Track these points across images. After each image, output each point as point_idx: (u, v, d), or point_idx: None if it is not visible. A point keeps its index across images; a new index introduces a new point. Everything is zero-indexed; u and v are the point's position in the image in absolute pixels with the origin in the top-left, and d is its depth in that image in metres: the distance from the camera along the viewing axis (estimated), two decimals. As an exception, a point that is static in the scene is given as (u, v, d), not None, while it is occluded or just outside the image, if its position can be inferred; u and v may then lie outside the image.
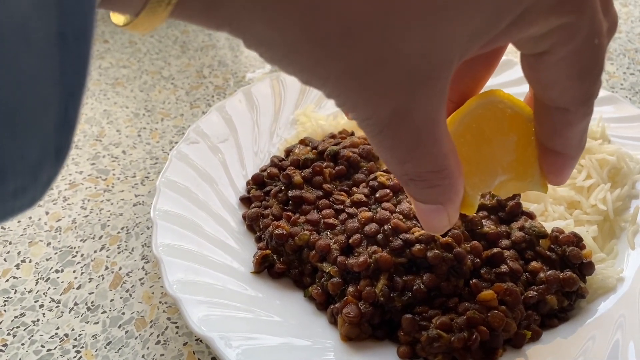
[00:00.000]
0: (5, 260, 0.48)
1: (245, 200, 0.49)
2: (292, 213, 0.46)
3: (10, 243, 0.50)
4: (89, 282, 0.46)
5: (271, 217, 0.46)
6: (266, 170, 0.50)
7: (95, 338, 0.42)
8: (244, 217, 0.48)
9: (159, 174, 0.57)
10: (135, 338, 0.42)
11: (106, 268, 0.47)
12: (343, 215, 0.44)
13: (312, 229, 0.44)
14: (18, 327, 0.43)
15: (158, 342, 0.42)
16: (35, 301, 0.45)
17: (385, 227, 0.41)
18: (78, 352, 0.41)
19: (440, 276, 0.39)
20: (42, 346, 0.42)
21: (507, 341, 0.38)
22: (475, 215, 0.43)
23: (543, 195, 0.47)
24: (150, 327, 0.43)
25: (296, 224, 0.44)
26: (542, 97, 0.26)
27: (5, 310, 0.44)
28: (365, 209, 0.44)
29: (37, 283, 0.46)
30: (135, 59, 0.75)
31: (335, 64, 0.21)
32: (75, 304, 0.45)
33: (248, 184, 0.51)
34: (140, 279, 0.46)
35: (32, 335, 0.42)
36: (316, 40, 0.21)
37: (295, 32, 0.20)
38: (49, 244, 0.50)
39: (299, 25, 0.20)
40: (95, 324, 0.43)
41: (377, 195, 0.45)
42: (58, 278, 0.47)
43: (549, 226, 0.44)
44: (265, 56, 0.22)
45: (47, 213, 0.53)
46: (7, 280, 0.46)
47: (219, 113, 0.56)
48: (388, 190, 0.44)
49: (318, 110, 0.58)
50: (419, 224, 0.41)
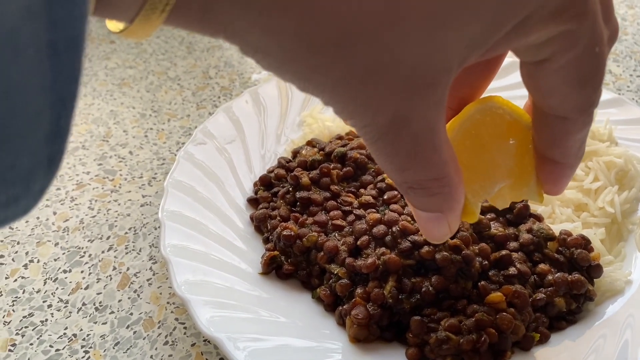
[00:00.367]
0: (13, 260, 0.48)
1: (253, 202, 0.49)
2: (300, 214, 0.46)
3: (18, 243, 0.50)
4: (97, 283, 0.46)
5: (279, 219, 0.46)
6: (273, 171, 0.50)
7: (104, 338, 0.42)
8: (252, 218, 0.48)
9: (166, 174, 0.57)
10: (144, 338, 0.42)
11: (114, 268, 0.48)
12: (351, 217, 0.44)
13: (320, 231, 0.44)
14: (27, 327, 0.43)
15: (166, 343, 0.42)
16: (44, 301, 0.45)
17: (394, 229, 0.41)
18: (86, 352, 0.41)
19: (449, 278, 0.39)
20: (51, 346, 0.42)
21: (516, 343, 0.38)
22: (483, 217, 0.43)
23: (551, 198, 0.47)
24: (159, 328, 0.43)
25: (304, 226, 0.44)
26: (542, 105, 0.26)
27: (13, 310, 0.44)
28: (373, 210, 0.44)
29: (46, 283, 0.46)
30: (141, 60, 0.75)
31: (332, 72, 0.21)
32: (84, 304, 0.45)
33: (255, 185, 0.51)
34: (148, 280, 0.46)
35: (41, 335, 0.42)
36: (312, 47, 0.20)
37: (292, 40, 0.20)
38: (56, 244, 0.50)
39: (295, 32, 0.20)
40: (103, 324, 0.43)
41: (385, 197, 0.45)
42: (66, 278, 0.47)
43: (556, 228, 0.44)
44: (262, 63, 0.22)
45: (55, 213, 0.53)
46: (16, 280, 0.47)
47: (225, 114, 0.56)
48: (396, 192, 0.44)
49: (325, 112, 0.58)
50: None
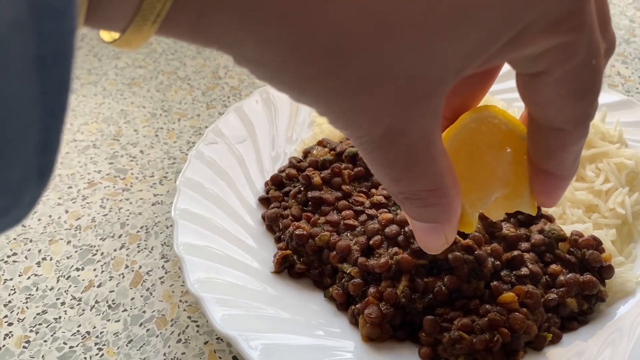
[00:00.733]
0: (26, 257, 0.49)
1: (264, 201, 0.49)
2: (312, 214, 0.46)
3: (30, 241, 0.50)
4: (110, 281, 0.47)
5: (291, 218, 0.46)
6: (285, 171, 0.51)
7: (117, 336, 0.42)
8: (263, 218, 0.48)
9: (176, 173, 0.57)
10: (157, 336, 0.42)
11: (126, 267, 0.48)
12: (363, 217, 0.44)
13: (332, 230, 0.44)
14: (40, 324, 0.43)
15: (179, 341, 0.42)
16: (57, 299, 0.45)
17: (406, 229, 0.41)
18: (100, 350, 0.42)
19: (461, 278, 0.39)
20: (65, 343, 0.42)
21: (528, 343, 0.38)
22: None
23: (562, 199, 0.47)
24: (171, 326, 0.43)
25: (316, 225, 0.44)
26: (538, 117, 0.26)
27: (27, 308, 0.45)
28: (385, 210, 0.44)
29: (58, 281, 0.47)
30: (151, 59, 0.76)
31: (326, 83, 0.21)
32: (97, 302, 0.45)
33: (266, 184, 0.51)
34: (160, 278, 0.47)
35: (55, 333, 0.43)
36: (307, 58, 0.20)
37: (284, 51, 0.20)
38: (69, 242, 0.50)
39: (288, 43, 0.20)
40: (116, 322, 0.44)
41: (397, 197, 0.45)
42: (79, 276, 0.47)
43: (567, 229, 0.44)
44: (256, 73, 0.22)
45: (67, 211, 0.53)
46: (29, 278, 0.47)
47: (236, 114, 0.57)
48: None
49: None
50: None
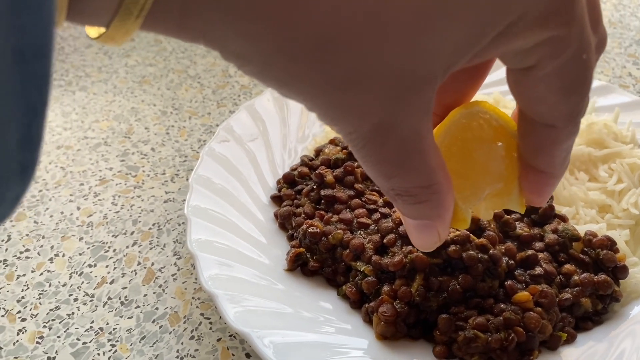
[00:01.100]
0: (39, 254, 0.49)
1: (277, 199, 0.49)
2: (325, 212, 0.46)
3: (43, 237, 0.50)
4: (122, 277, 0.47)
5: (303, 216, 0.46)
6: (297, 169, 0.51)
7: (130, 332, 0.43)
8: (276, 215, 0.48)
9: (188, 171, 0.57)
10: (170, 333, 0.42)
11: (138, 263, 0.48)
12: (376, 215, 0.44)
13: (345, 228, 0.44)
14: (53, 320, 0.43)
15: (192, 338, 0.42)
16: (70, 295, 0.45)
17: (420, 227, 0.41)
18: (113, 346, 0.42)
19: (476, 277, 0.39)
20: (78, 339, 0.42)
21: (542, 343, 0.38)
22: (509, 217, 0.43)
23: (575, 199, 0.47)
24: (184, 323, 0.43)
25: (329, 223, 0.44)
26: (529, 113, 0.25)
27: (40, 303, 0.45)
28: (399, 209, 0.44)
29: (71, 277, 0.47)
30: (161, 58, 0.76)
31: (312, 78, 0.20)
32: (109, 298, 0.45)
33: (279, 182, 0.51)
34: (172, 275, 0.47)
35: (68, 329, 0.43)
36: (292, 53, 0.20)
37: (270, 45, 0.20)
38: (81, 239, 0.50)
39: (273, 38, 0.19)
40: (129, 318, 0.44)
41: (410, 196, 0.45)
42: (91, 272, 0.47)
43: (580, 229, 0.44)
44: (243, 69, 0.21)
45: (79, 208, 0.53)
46: (42, 274, 0.47)
47: (248, 112, 0.57)
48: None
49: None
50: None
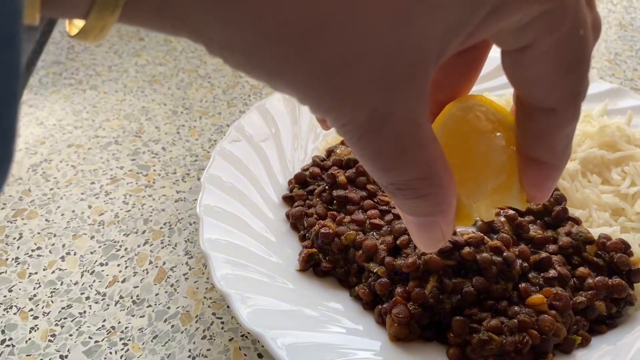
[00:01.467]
0: (50, 252, 0.49)
1: (288, 199, 0.49)
2: (337, 213, 0.46)
3: (54, 235, 0.50)
4: (134, 276, 0.47)
5: (315, 217, 0.46)
6: (308, 169, 0.51)
7: (142, 331, 0.43)
8: (288, 216, 0.48)
9: (199, 171, 0.57)
10: (181, 332, 0.42)
11: (150, 262, 0.48)
12: (388, 216, 0.44)
13: (358, 229, 0.44)
14: (65, 319, 0.43)
15: (204, 337, 0.42)
16: (82, 293, 0.45)
17: (434, 229, 0.41)
18: (125, 345, 0.42)
19: (490, 279, 0.39)
20: (90, 337, 0.42)
21: (556, 346, 0.38)
22: (522, 219, 0.43)
23: (588, 202, 0.47)
24: (196, 322, 0.43)
25: (341, 224, 0.44)
26: (527, 98, 0.24)
27: (52, 302, 0.45)
28: (412, 210, 0.44)
29: (83, 275, 0.47)
30: (171, 57, 0.76)
31: (300, 65, 0.20)
32: (121, 297, 0.45)
33: (290, 182, 0.51)
34: (184, 274, 0.47)
35: (80, 327, 0.43)
36: (275, 41, 0.19)
37: (254, 32, 0.19)
38: (92, 238, 0.50)
39: (255, 26, 0.19)
40: (141, 317, 0.44)
41: (423, 197, 0.45)
42: (103, 271, 0.47)
43: (594, 232, 0.44)
44: (229, 61, 0.20)
45: (90, 207, 0.53)
46: (54, 272, 0.47)
47: (259, 112, 0.57)
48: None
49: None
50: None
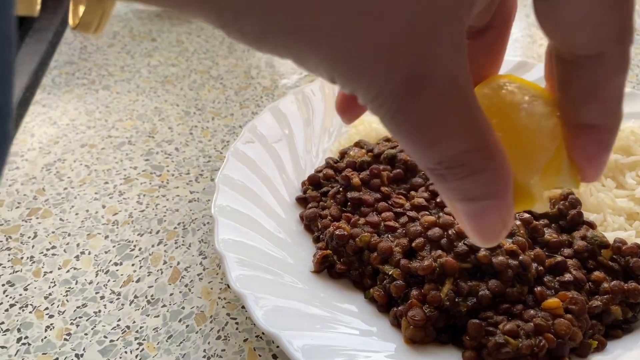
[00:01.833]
0: (65, 251, 0.49)
1: (302, 200, 0.50)
2: (351, 214, 0.46)
3: (69, 235, 0.51)
4: (148, 276, 0.47)
5: (330, 218, 0.46)
6: (322, 171, 0.51)
7: (157, 331, 0.43)
8: (301, 217, 0.48)
9: (212, 171, 0.57)
10: (196, 332, 0.43)
11: (164, 262, 0.48)
12: (403, 219, 0.44)
13: (372, 231, 0.44)
14: (80, 318, 0.44)
15: (219, 338, 0.42)
16: (96, 292, 0.46)
17: (450, 232, 0.41)
18: (140, 345, 0.42)
19: (505, 282, 0.39)
20: (105, 337, 0.42)
21: (572, 350, 0.38)
22: (537, 223, 0.43)
23: (602, 206, 0.47)
24: (211, 322, 0.43)
25: (356, 226, 0.44)
26: (568, 46, 0.21)
27: (67, 301, 0.45)
28: (427, 213, 0.44)
29: (97, 275, 0.47)
30: (183, 58, 0.76)
31: (322, 21, 0.17)
32: (135, 296, 0.45)
33: (304, 184, 0.51)
34: (198, 274, 0.47)
35: (95, 326, 0.43)
36: None
37: None
38: (106, 237, 0.50)
39: None
40: (155, 317, 0.44)
41: (438, 200, 0.45)
42: (117, 271, 0.47)
43: (609, 236, 0.44)
44: (245, 30, 0.18)
45: (104, 207, 0.53)
46: (68, 271, 0.47)
47: (272, 113, 0.57)
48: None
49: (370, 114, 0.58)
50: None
